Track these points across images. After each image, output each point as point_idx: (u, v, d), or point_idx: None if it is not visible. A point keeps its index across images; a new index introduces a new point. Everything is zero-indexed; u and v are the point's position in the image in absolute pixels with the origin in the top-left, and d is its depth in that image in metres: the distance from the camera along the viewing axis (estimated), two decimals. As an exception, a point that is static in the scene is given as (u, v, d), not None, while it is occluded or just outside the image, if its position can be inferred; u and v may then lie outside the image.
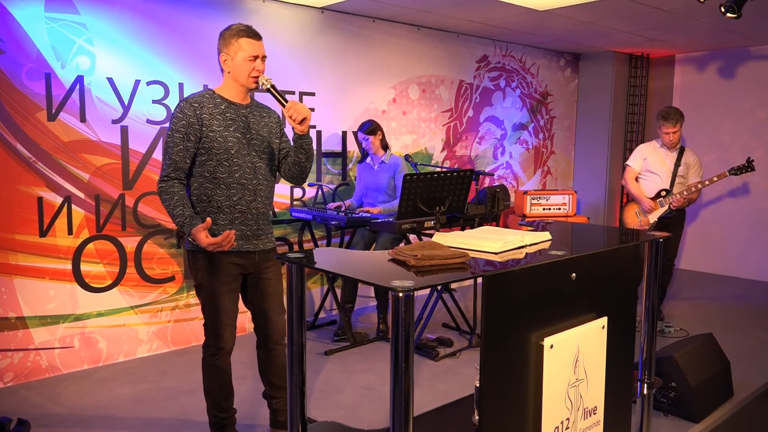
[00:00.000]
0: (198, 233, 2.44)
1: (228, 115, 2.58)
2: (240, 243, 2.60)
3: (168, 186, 2.52)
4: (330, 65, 4.95)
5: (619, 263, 2.12)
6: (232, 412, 2.82)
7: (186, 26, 4.14)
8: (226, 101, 2.60)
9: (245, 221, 2.61)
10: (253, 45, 2.54)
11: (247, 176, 2.59)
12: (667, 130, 4.61)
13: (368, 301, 5.16)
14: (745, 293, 5.96)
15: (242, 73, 2.56)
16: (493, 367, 1.67)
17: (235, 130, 2.57)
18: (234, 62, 2.55)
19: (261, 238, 2.68)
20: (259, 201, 2.64)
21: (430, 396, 3.46)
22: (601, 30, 5.62)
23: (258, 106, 2.73)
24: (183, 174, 2.55)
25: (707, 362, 3.36)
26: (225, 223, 2.58)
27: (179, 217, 2.49)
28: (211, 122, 2.52)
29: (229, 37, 2.55)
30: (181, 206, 2.49)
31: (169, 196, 2.51)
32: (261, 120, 2.68)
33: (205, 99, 2.57)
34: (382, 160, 4.56)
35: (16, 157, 3.55)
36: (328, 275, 4.63)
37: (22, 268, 3.61)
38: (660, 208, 4.69)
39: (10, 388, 3.55)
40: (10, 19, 3.47)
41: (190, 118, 2.50)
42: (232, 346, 2.72)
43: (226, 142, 2.54)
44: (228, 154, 2.54)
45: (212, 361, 2.71)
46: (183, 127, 2.50)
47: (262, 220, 2.68)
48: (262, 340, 2.81)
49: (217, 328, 2.66)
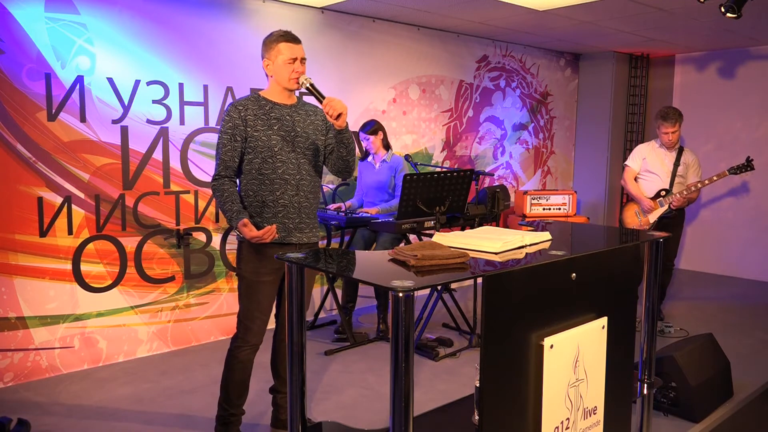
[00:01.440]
0: (242, 227, 2.60)
1: (272, 115, 2.72)
2: (282, 235, 2.71)
3: (219, 184, 2.70)
4: (330, 65, 4.95)
5: (619, 263, 2.12)
6: (240, 411, 2.85)
7: (186, 26, 4.14)
8: (270, 103, 2.74)
9: (288, 214, 2.73)
10: (291, 48, 2.68)
11: (290, 172, 2.72)
12: (666, 130, 4.61)
13: (368, 301, 5.16)
14: (745, 293, 5.96)
15: (283, 76, 2.70)
16: (493, 367, 1.67)
17: (279, 129, 2.70)
18: (275, 66, 2.70)
19: (304, 231, 2.78)
20: (301, 195, 2.75)
21: (430, 396, 3.46)
22: (601, 30, 5.62)
23: (304, 105, 2.86)
24: (233, 172, 2.72)
25: (707, 362, 3.36)
26: (269, 216, 2.71)
27: (228, 212, 2.66)
28: (255, 123, 2.68)
29: (270, 42, 2.70)
30: (230, 202, 2.66)
31: (220, 193, 2.69)
32: (307, 118, 2.81)
33: (250, 102, 2.71)
34: (384, 159, 4.56)
35: (16, 157, 3.55)
36: (328, 275, 4.64)
37: (22, 268, 3.61)
38: (660, 207, 4.69)
39: (10, 388, 3.55)
40: (10, 19, 3.47)
41: (236, 120, 2.66)
42: (258, 342, 2.79)
43: (269, 140, 2.68)
44: (271, 152, 2.68)
45: (236, 353, 2.77)
46: (230, 129, 2.67)
47: (304, 214, 2.78)
48: (281, 329, 2.87)
49: (247, 319, 2.75)
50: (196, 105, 4.24)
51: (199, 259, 4.32)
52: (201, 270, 4.33)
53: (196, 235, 4.29)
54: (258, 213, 2.71)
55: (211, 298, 4.38)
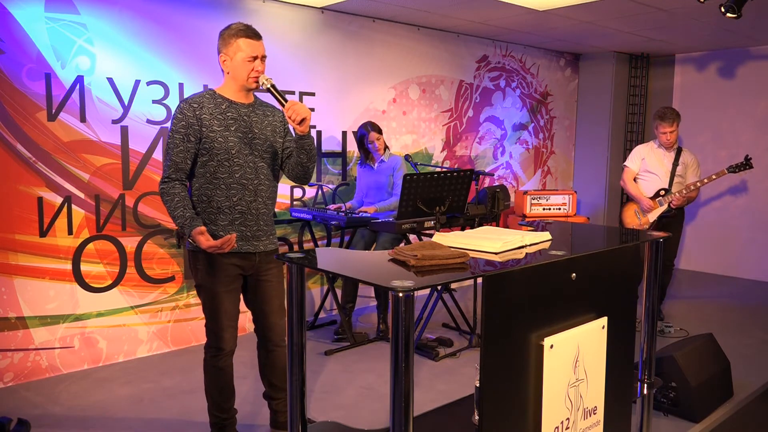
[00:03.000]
0: (198, 235, 2.45)
1: (229, 114, 2.55)
2: (240, 244, 2.57)
3: (169, 187, 2.52)
4: (330, 65, 4.95)
5: (619, 263, 2.12)
6: (233, 413, 2.82)
7: (186, 26, 4.14)
8: (227, 101, 2.57)
9: (245, 222, 2.59)
10: (251, 45, 2.50)
11: (248, 176, 2.56)
12: (664, 130, 4.62)
13: (368, 301, 5.16)
14: (745, 293, 5.96)
15: (241, 74, 2.53)
16: (493, 367, 1.67)
17: (236, 130, 2.54)
18: (233, 63, 2.52)
19: (261, 240, 2.65)
20: (259, 201, 2.61)
21: (430, 396, 3.46)
22: (601, 30, 5.62)
23: (261, 105, 2.70)
24: (184, 175, 2.54)
25: (707, 362, 3.36)
26: (225, 223, 2.56)
27: (180, 218, 2.49)
28: (211, 122, 2.50)
29: (228, 37, 2.52)
30: (182, 207, 2.49)
31: (170, 197, 2.51)
32: (264, 119, 2.65)
33: (205, 99, 2.54)
34: (382, 159, 4.57)
35: (16, 157, 3.55)
36: (328, 275, 4.63)
37: (22, 268, 3.61)
38: (659, 207, 4.69)
39: (10, 388, 3.55)
40: (10, 19, 3.47)
41: (190, 118, 2.49)
42: (233, 347, 2.71)
43: (226, 142, 2.52)
44: (228, 155, 2.52)
45: (213, 362, 2.70)
46: (183, 128, 2.49)
47: (262, 221, 2.65)
48: (262, 342, 2.81)
49: (217, 329, 2.65)
50: (196, 105, 4.23)
51: (199, 259, 4.31)
52: (201, 270, 4.32)
53: (196, 235, 4.28)
54: (212, 220, 2.55)
55: (211, 298, 4.37)
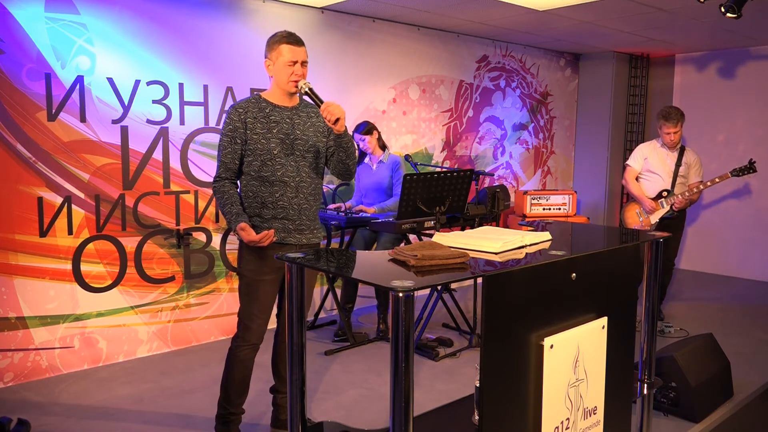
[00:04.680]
0: (240, 231, 2.62)
1: (272, 118, 2.71)
2: (282, 236, 2.72)
3: (220, 185, 2.73)
4: (330, 65, 4.95)
5: (619, 263, 2.12)
6: (240, 410, 2.86)
7: (186, 26, 4.14)
8: (271, 105, 2.73)
9: (288, 216, 2.73)
10: (292, 51, 2.66)
11: (290, 174, 2.72)
12: (668, 130, 4.60)
13: (368, 301, 5.16)
14: (745, 293, 5.96)
15: (282, 78, 2.69)
16: (493, 367, 1.67)
17: (278, 132, 2.70)
18: (276, 67, 2.70)
19: (304, 233, 2.78)
20: (301, 197, 2.75)
21: (430, 396, 3.46)
22: (601, 30, 5.62)
23: (306, 107, 2.84)
24: (233, 174, 2.73)
25: (707, 362, 3.36)
26: (269, 217, 2.72)
27: (228, 214, 2.69)
28: (255, 126, 2.68)
29: (273, 43, 2.69)
30: (229, 204, 2.69)
31: (220, 195, 2.72)
32: (307, 120, 2.80)
33: (251, 104, 2.71)
34: (381, 160, 4.56)
35: (16, 157, 3.55)
36: (328, 275, 4.64)
37: (22, 268, 3.61)
38: (661, 208, 4.69)
39: (10, 388, 3.55)
40: (10, 19, 3.47)
41: (236, 123, 2.68)
42: (258, 341, 2.79)
43: (268, 144, 2.68)
44: (271, 155, 2.68)
45: (236, 352, 2.78)
46: (230, 132, 2.69)
47: (305, 216, 2.78)
48: (282, 330, 2.87)
49: (247, 318, 2.75)
50: (196, 105, 4.24)
51: (199, 259, 4.32)
52: (201, 270, 4.33)
53: (196, 235, 4.29)
54: (257, 213, 2.72)
55: (211, 298, 4.38)
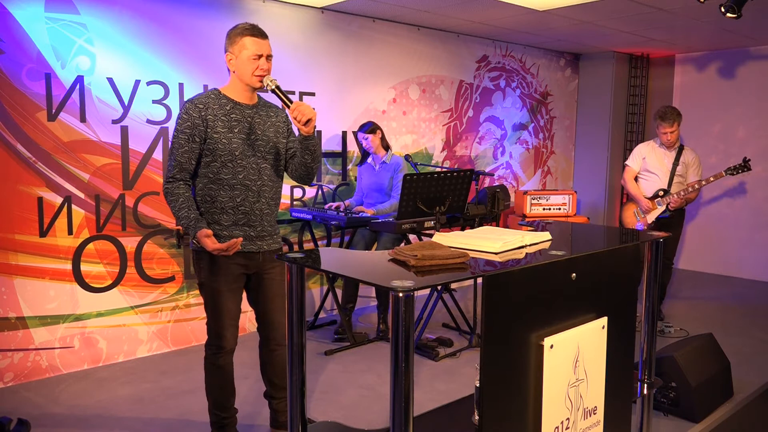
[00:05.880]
0: (204, 238, 2.45)
1: (233, 116, 2.56)
2: (243, 244, 2.58)
3: (173, 187, 2.53)
4: (330, 65, 4.95)
5: (619, 263, 2.12)
6: (233, 412, 2.82)
7: (186, 26, 4.14)
8: (231, 101, 2.57)
9: (249, 222, 2.60)
10: (257, 43, 2.50)
11: (251, 177, 2.58)
12: (664, 130, 4.62)
13: (368, 301, 5.16)
14: (745, 293, 5.96)
15: (246, 72, 2.53)
16: (493, 367, 1.67)
17: (239, 132, 2.55)
18: (238, 61, 2.52)
19: (265, 239, 2.66)
20: (263, 202, 2.63)
21: (430, 396, 3.46)
22: (601, 30, 5.62)
23: (265, 105, 2.70)
24: (188, 175, 2.55)
25: (707, 362, 3.36)
26: (228, 223, 2.57)
27: (185, 219, 2.50)
28: (215, 123, 2.51)
29: (234, 35, 2.52)
30: (186, 208, 2.51)
31: (174, 198, 2.53)
32: (267, 120, 2.66)
33: (210, 100, 2.55)
34: (383, 161, 4.56)
35: (16, 157, 3.55)
36: (328, 275, 4.63)
37: (22, 268, 3.61)
38: (658, 208, 4.70)
39: (10, 388, 3.55)
40: (10, 19, 3.47)
41: (195, 119, 2.50)
42: (233, 345, 2.72)
43: (230, 143, 2.53)
44: (232, 156, 2.53)
45: (214, 360, 2.71)
46: (188, 129, 2.50)
47: (266, 221, 2.66)
48: (265, 341, 2.81)
49: (218, 327, 2.66)
50: (196, 105, 4.23)
51: (199, 259, 4.31)
52: (201, 270, 4.32)
53: (196, 235, 4.28)
54: (216, 220, 2.56)
55: (211, 298, 4.38)
